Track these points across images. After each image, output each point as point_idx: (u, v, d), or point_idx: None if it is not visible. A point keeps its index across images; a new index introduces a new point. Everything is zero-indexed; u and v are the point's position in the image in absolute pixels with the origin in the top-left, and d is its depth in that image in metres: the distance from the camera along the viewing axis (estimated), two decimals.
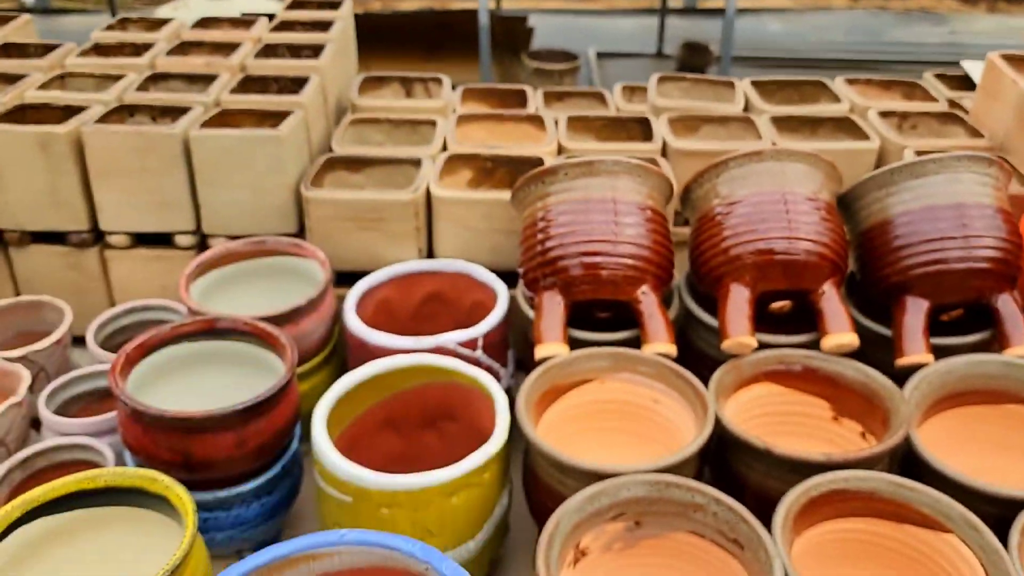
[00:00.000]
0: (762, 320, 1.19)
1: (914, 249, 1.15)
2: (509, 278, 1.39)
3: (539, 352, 1.15)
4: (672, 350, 1.14)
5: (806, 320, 1.20)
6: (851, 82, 1.78)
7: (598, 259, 1.16)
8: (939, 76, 1.98)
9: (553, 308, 1.17)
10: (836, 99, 1.70)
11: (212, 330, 1.17)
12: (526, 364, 1.30)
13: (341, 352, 1.36)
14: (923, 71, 1.99)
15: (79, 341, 1.37)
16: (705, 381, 1.10)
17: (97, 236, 1.45)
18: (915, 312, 1.15)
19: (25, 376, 1.22)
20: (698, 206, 1.24)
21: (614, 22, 4.92)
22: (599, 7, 5.22)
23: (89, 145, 1.36)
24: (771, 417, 1.17)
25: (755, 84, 1.76)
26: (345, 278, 1.45)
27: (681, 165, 1.50)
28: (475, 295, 1.37)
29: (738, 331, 1.12)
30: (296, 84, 1.62)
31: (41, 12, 4.88)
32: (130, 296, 1.47)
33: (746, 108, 1.70)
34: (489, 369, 1.25)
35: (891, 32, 4.79)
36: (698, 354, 1.24)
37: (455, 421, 1.16)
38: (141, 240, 1.45)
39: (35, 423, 1.26)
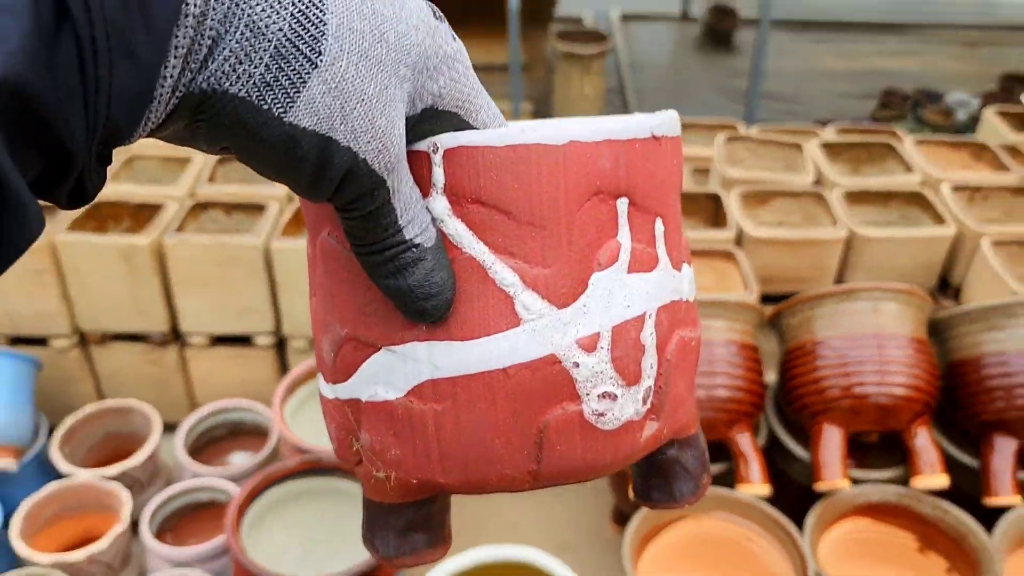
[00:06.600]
0: (851, 449, 1.22)
1: (1008, 392, 1.16)
2: None
3: None
4: (767, 491, 1.17)
5: (895, 447, 1.23)
6: (920, 143, 1.76)
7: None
8: (1002, 114, 1.96)
9: None
10: (907, 167, 1.68)
11: (315, 468, 1.20)
12: None
13: None
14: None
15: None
16: (787, 503, 1.14)
17: (176, 336, 1.46)
18: (1004, 452, 1.17)
19: (126, 499, 1.25)
20: (789, 336, 1.25)
21: None
22: None
23: (171, 256, 1.35)
24: (858, 546, 1.21)
25: (825, 147, 1.74)
26: None
27: (758, 253, 1.49)
28: None
29: (832, 475, 1.15)
30: None
31: None
32: (211, 390, 1.49)
33: (817, 177, 1.68)
34: None
35: None
36: (782, 476, 1.27)
37: None
38: (221, 340, 1.45)
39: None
